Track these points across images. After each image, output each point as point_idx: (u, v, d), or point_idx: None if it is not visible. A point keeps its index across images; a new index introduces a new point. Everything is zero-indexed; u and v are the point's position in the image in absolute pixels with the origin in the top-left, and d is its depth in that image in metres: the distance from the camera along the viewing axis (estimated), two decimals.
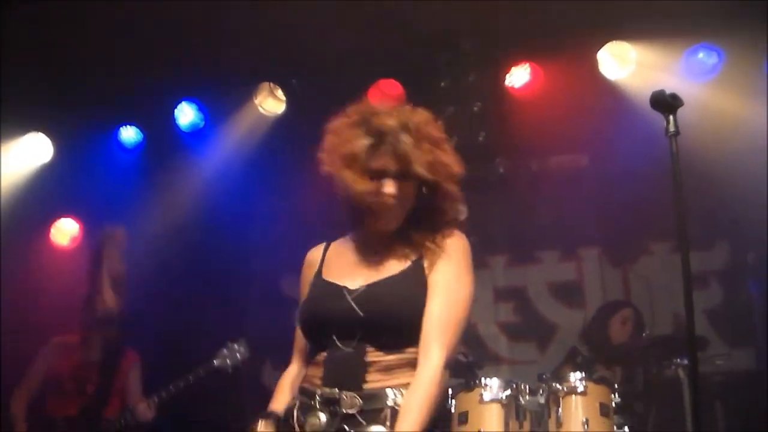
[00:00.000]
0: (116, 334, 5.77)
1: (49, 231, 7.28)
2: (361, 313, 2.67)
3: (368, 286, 2.73)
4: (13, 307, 6.29)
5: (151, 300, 6.33)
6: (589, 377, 4.83)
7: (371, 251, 2.83)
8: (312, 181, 3.00)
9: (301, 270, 2.99)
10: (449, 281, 2.74)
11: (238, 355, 5.54)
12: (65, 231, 7.32)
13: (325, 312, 2.74)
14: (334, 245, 2.97)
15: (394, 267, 2.77)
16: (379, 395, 2.60)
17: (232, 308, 6.83)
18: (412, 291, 2.71)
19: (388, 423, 2.56)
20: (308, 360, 2.84)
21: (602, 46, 6.10)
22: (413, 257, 2.77)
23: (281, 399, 2.87)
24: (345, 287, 2.75)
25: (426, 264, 2.75)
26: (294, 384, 2.88)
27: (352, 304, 2.69)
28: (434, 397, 2.57)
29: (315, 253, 2.98)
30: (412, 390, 2.57)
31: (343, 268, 2.84)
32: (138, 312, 5.86)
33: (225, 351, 5.53)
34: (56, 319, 6.08)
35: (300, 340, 2.94)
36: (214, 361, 5.55)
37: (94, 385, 5.70)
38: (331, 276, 2.84)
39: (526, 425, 4.79)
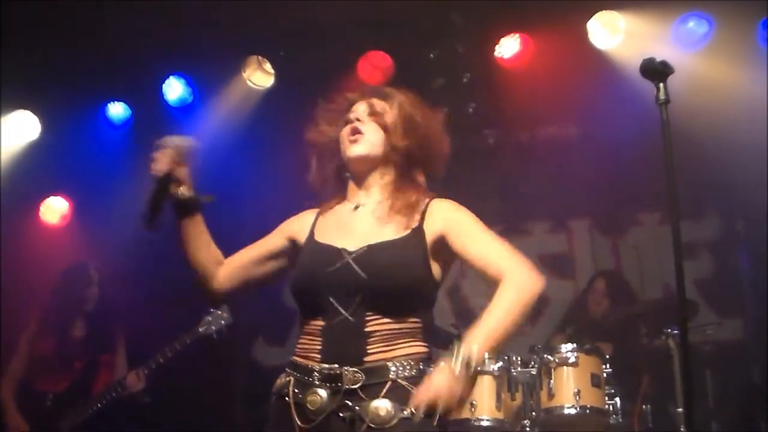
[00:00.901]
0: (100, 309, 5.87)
1: (38, 209, 7.24)
2: (363, 274, 2.62)
3: (369, 246, 2.68)
4: (4, 286, 6.26)
5: (138, 275, 6.30)
6: (580, 348, 4.85)
7: (366, 217, 2.80)
8: (303, 155, 3.01)
9: (286, 221, 2.98)
10: (474, 227, 2.74)
11: (221, 321, 5.47)
12: (55, 209, 7.28)
13: (323, 273, 2.67)
14: (325, 210, 2.92)
15: (393, 232, 2.72)
16: (380, 369, 2.56)
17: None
18: (414, 256, 2.67)
19: (390, 397, 2.52)
20: (233, 277, 2.91)
21: (592, 15, 6.06)
22: (412, 223, 2.73)
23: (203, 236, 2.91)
24: (343, 249, 2.69)
25: (428, 230, 2.72)
26: (210, 255, 2.92)
27: (353, 265, 2.64)
28: (527, 304, 2.54)
29: (309, 214, 2.94)
30: (501, 290, 2.55)
31: (338, 231, 2.79)
32: (124, 288, 5.84)
33: (208, 318, 5.49)
34: (48, 296, 6.04)
35: (239, 255, 2.96)
36: (199, 329, 5.50)
37: (81, 361, 5.73)
38: (325, 238, 2.79)
39: (518, 397, 4.83)
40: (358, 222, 2.80)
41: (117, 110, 7.03)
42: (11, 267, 6.48)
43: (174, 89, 6.81)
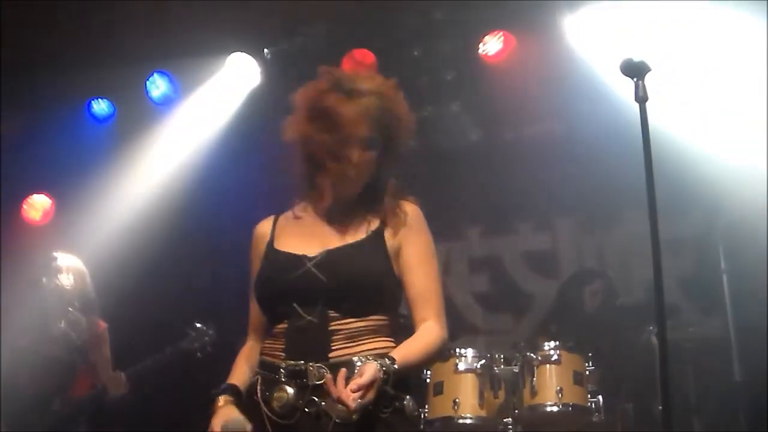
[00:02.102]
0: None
1: (21, 207, 7.21)
2: (323, 279, 2.64)
3: (328, 251, 2.70)
4: None
5: (122, 275, 6.26)
6: (563, 346, 4.86)
7: (326, 221, 2.81)
8: (286, 153, 2.99)
9: (251, 245, 2.92)
10: (423, 253, 2.78)
11: (206, 338, 5.25)
12: (38, 206, 7.25)
13: (285, 280, 2.68)
14: (283, 217, 2.90)
15: (352, 235, 2.75)
16: (345, 364, 2.54)
17: (205, 284, 6.78)
18: (374, 258, 2.70)
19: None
20: (265, 334, 2.80)
21: (572, 13, 6.06)
22: (372, 227, 2.76)
23: (238, 375, 2.81)
24: (303, 255, 2.70)
25: (387, 234, 2.75)
26: (251, 359, 2.83)
27: (314, 270, 2.66)
28: (432, 349, 2.68)
29: (264, 226, 2.91)
30: (414, 337, 2.68)
31: (297, 237, 2.80)
32: (108, 288, 5.75)
33: (193, 334, 5.26)
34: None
35: (255, 314, 2.88)
36: (182, 344, 5.31)
37: (60, 359, 5.16)
38: (285, 246, 2.79)
39: (501, 394, 4.83)
40: (318, 226, 2.81)
41: (101, 107, 7.02)
42: None
43: (158, 86, 6.80)
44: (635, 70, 2.88)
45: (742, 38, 5.64)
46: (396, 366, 2.51)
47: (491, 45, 6.34)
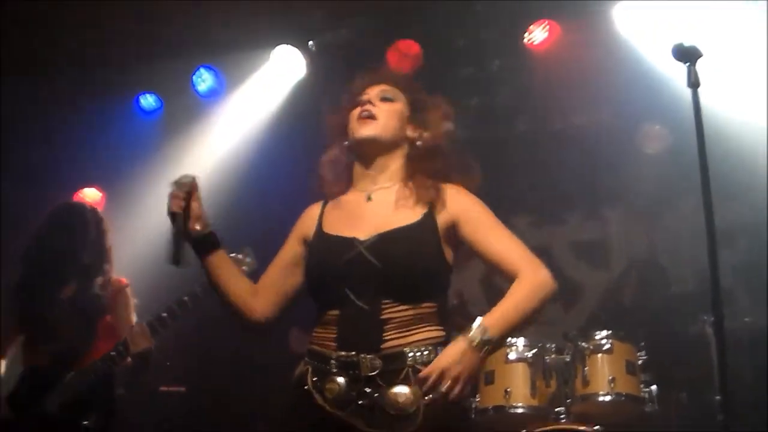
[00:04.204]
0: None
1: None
2: (377, 263, 2.61)
3: (381, 235, 2.67)
4: None
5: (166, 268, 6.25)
6: (614, 335, 4.81)
7: (376, 204, 2.79)
8: (331, 142, 3.01)
9: (295, 224, 2.94)
10: (486, 220, 2.75)
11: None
12: (89, 199, 7.32)
13: (337, 265, 2.66)
14: (331, 202, 2.91)
15: (404, 218, 2.71)
16: (398, 355, 2.55)
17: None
18: (427, 241, 2.67)
19: (409, 383, 2.51)
20: (267, 300, 2.84)
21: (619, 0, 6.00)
22: (422, 210, 2.72)
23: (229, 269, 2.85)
24: (354, 238, 2.68)
25: (439, 216, 2.72)
26: (241, 288, 2.85)
27: (366, 254, 2.63)
28: (528, 300, 2.58)
29: (313, 209, 2.93)
30: (516, 286, 2.61)
31: (348, 220, 2.78)
32: (155, 282, 5.66)
33: None
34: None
35: (267, 276, 2.91)
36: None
37: (71, 325, 4.57)
38: (334, 229, 2.78)
39: (553, 384, 4.80)
40: (368, 209, 2.78)
41: (148, 102, 7.13)
42: None
43: (204, 80, 6.86)
44: (687, 55, 2.86)
45: None
46: (490, 335, 2.48)
47: (536, 34, 6.30)
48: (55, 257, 4.69)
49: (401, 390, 2.51)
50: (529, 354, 4.82)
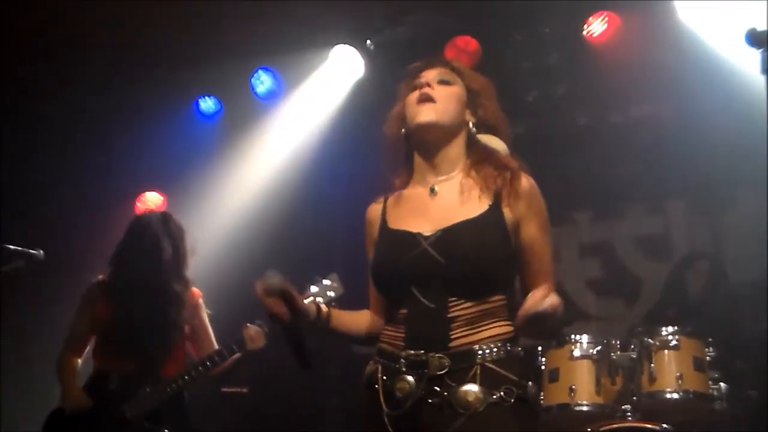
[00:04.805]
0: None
1: (135, 204, 7.40)
2: (441, 259, 2.55)
3: (444, 230, 2.60)
4: None
5: (230, 270, 6.29)
6: (681, 331, 4.73)
7: (440, 198, 2.71)
8: (390, 138, 2.99)
9: (364, 231, 2.87)
10: (543, 228, 2.69)
11: (330, 292, 4.17)
12: (151, 203, 7.42)
13: (401, 262, 2.61)
14: (392, 197, 2.83)
15: (468, 211, 2.63)
16: (467, 353, 2.51)
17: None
18: (494, 235, 2.59)
19: (478, 381, 2.48)
20: (384, 314, 2.75)
21: None
22: (488, 201, 2.64)
23: (346, 317, 2.83)
24: (418, 233, 2.62)
25: (505, 208, 2.63)
26: (363, 324, 2.82)
27: (430, 250, 2.57)
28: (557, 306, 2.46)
29: (374, 209, 2.85)
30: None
31: (410, 215, 2.71)
32: (217, 283, 5.68)
33: (314, 288, 4.13)
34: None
35: (373, 297, 2.83)
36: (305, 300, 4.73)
37: (150, 335, 4.64)
38: (398, 224, 2.71)
39: (619, 381, 4.74)
40: (432, 203, 2.70)
41: (208, 105, 7.19)
42: None
43: (262, 82, 6.91)
44: (762, 41, 2.75)
45: None
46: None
47: (596, 26, 6.25)
48: (147, 266, 4.77)
49: (470, 388, 2.47)
50: (594, 351, 4.76)
